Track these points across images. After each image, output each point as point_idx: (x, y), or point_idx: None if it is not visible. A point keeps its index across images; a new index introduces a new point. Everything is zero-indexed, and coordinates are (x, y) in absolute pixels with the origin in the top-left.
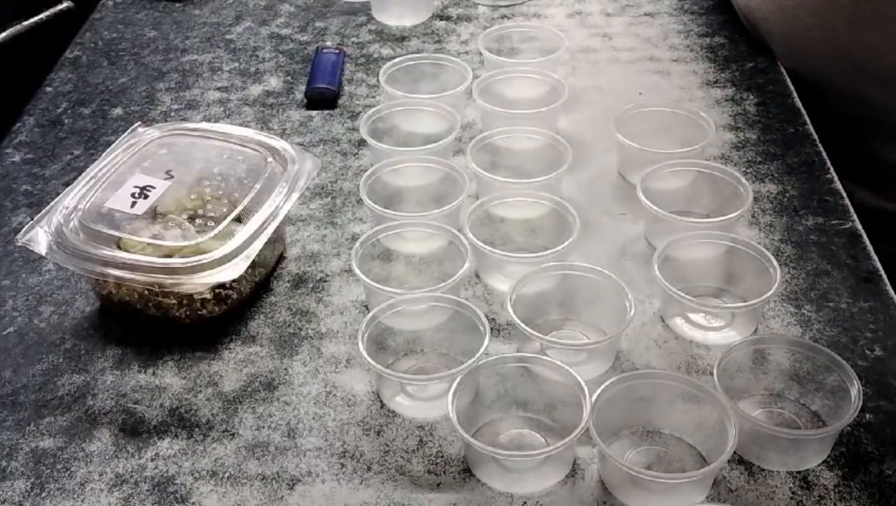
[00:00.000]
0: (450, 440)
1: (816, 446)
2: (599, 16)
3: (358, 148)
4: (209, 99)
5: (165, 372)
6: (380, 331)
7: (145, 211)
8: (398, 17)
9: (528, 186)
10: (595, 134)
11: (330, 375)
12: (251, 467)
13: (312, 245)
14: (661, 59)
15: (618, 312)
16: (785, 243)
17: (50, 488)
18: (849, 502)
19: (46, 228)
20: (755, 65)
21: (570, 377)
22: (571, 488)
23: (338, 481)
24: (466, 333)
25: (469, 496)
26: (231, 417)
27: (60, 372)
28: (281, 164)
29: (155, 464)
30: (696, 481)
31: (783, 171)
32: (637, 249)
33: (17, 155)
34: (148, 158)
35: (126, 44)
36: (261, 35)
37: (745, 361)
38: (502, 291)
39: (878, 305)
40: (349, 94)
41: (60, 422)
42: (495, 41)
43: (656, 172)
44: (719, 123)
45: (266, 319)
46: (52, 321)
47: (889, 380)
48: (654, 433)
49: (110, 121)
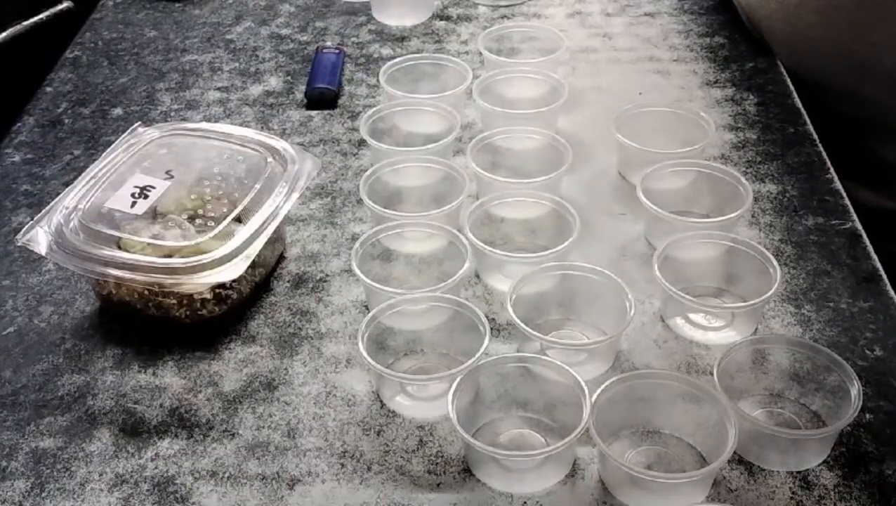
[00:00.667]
0: (450, 440)
1: (816, 446)
2: (599, 16)
3: (358, 148)
4: (209, 99)
5: (165, 372)
6: (380, 331)
7: (145, 211)
8: (398, 17)
9: (528, 186)
10: (595, 134)
11: (330, 376)
12: (251, 467)
13: (312, 245)
14: (661, 59)
15: (618, 312)
16: (785, 243)
17: (50, 488)
18: (849, 502)
19: (46, 228)
20: (755, 65)
21: (570, 377)
22: (571, 488)
23: (338, 481)
24: (466, 333)
25: (469, 496)
26: (231, 417)
27: (60, 372)
28: (281, 164)
29: (155, 464)
30: (696, 481)
31: (783, 171)
32: (637, 249)
33: (17, 155)
34: (148, 158)
35: (126, 44)
36: (261, 35)
37: (745, 361)
38: (502, 291)
39: (878, 305)
40: (349, 94)
41: (60, 422)
42: (495, 41)
43: (656, 172)
44: (719, 123)
45: (266, 319)
46: (52, 321)
47: (889, 380)
48: (654, 433)
49: (110, 121)
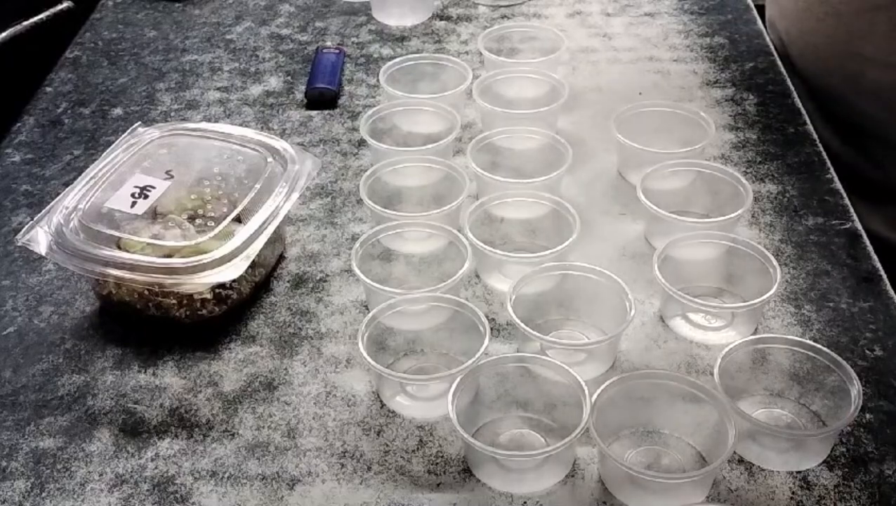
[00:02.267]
0: (450, 440)
1: (816, 446)
2: (599, 16)
3: (358, 148)
4: (209, 99)
5: (165, 372)
6: (380, 331)
7: (145, 211)
8: (398, 17)
9: (528, 186)
10: (595, 134)
11: (330, 376)
12: (251, 467)
13: (312, 245)
14: (661, 59)
15: (618, 312)
16: (785, 243)
17: (50, 488)
18: (849, 502)
19: (46, 228)
20: (755, 65)
21: (570, 377)
22: (571, 488)
23: (338, 481)
24: (466, 333)
25: (469, 496)
26: (231, 417)
27: (60, 372)
28: (281, 164)
29: (155, 464)
30: (696, 481)
31: (783, 171)
32: (637, 249)
33: (17, 155)
34: (148, 158)
35: (126, 44)
36: (261, 35)
37: (745, 361)
38: (502, 291)
39: (878, 305)
40: (349, 94)
41: (60, 422)
42: (495, 41)
43: (656, 172)
44: (719, 123)
45: (266, 319)
46: (52, 321)
47: (889, 380)
48: (654, 433)
49: (110, 121)
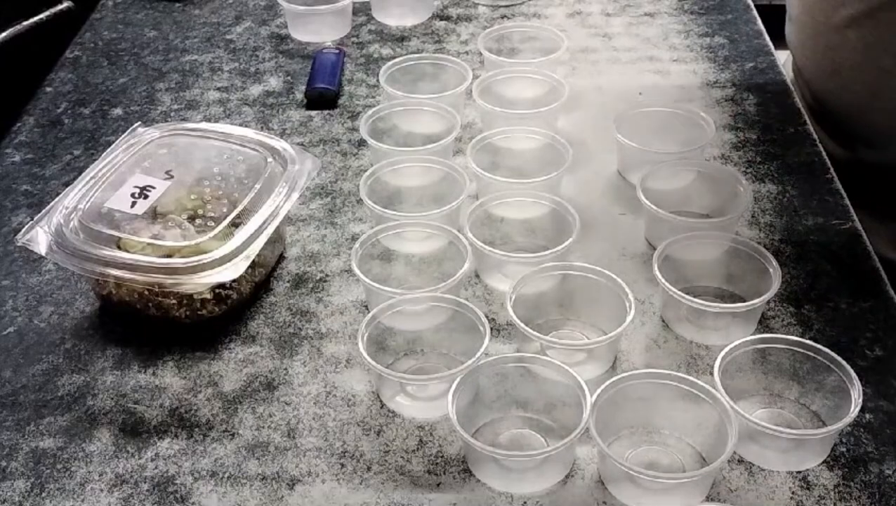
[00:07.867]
0: (450, 440)
1: (816, 446)
2: (599, 16)
3: (358, 148)
4: (209, 99)
5: (165, 372)
6: (380, 331)
7: (145, 211)
8: (398, 17)
9: (528, 186)
10: (595, 134)
11: (330, 376)
12: (251, 467)
13: (312, 245)
14: (661, 59)
15: (618, 312)
16: (785, 243)
17: (50, 488)
18: (849, 502)
19: (46, 228)
20: (755, 65)
21: (570, 377)
22: (571, 488)
23: (338, 481)
24: (466, 333)
25: (469, 496)
26: (231, 417)
27: (60, 372)
28: (281, 164)
29: (155, 464)
30: (696, 481)
31: (783, 171)
32: (637, 249)
33: (17, 155)
34: (148, 158)
35: (126, 44)
36: (261, 35)
37: (745, 361)
38: (502, 291)
39: (878, 305)
40: (349, 94)
41: (60, 422)
42: (495, 41)
43: (656, 172)
44: (719, 123)
45: (266, 319)
46: (52, 321)
47: (889, 380)
48: (654, 433)
49: (110, 121)
